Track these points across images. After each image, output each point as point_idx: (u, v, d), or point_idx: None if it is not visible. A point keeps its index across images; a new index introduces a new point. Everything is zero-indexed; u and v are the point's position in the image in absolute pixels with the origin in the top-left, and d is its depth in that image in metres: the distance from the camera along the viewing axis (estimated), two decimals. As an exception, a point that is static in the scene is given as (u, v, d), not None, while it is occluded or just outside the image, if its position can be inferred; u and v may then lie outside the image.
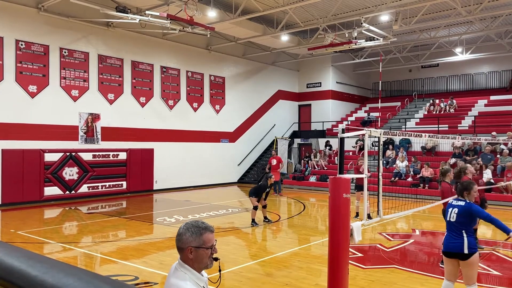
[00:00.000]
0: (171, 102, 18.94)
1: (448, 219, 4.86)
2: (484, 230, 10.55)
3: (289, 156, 23.55)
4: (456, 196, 5.13)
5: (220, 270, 2.31)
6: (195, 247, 2.18)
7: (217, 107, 21.23)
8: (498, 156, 16.61)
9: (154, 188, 17.96)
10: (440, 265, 7.03)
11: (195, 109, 20.07)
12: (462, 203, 4.86)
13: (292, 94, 26.11)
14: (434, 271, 6.88)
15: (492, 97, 22.42)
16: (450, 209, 4.88)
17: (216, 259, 2.25)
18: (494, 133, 17.26)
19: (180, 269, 2.21)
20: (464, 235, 4.70)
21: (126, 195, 16.74)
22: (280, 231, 10.64)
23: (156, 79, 18.36)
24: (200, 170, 20.07)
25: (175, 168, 18.84)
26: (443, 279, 6.40)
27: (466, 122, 20.51)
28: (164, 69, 18.67)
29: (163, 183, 18.30)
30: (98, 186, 16.10)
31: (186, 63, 19.62)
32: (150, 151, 17.79)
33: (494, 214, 13.16)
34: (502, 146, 16.77)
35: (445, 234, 4.93)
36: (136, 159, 17.18)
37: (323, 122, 24.43)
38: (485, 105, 21.97)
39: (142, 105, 17.79)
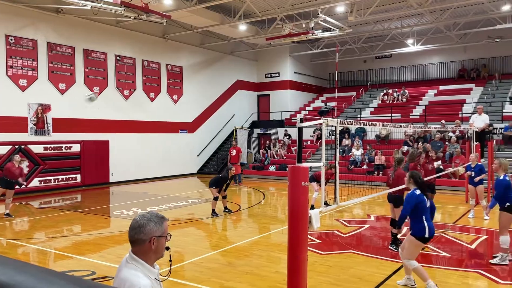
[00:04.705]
0: (126, 92, 18.42)
1: (428, 206, 5.32)
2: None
3: (249, 146, 23.64)
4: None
5: (170, 260, 2.34)
6: (158, 236, 2.20)
7: (175, 97, 20.88)
8: (447, 143, 17.46)
9: (111, 180, 17.47)
10: (394, 248, 7.33)
11: (152, 99, 19.63)
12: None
13: (251, 84, 26.11)
14: (388, 255, 7.17)
15: (442, 87, 23.47)
16: (425, 198, 5.37)
17: (167, 248, 2.28)
18: (443, 121, 18.11)
19: (131, 262, 2.19)
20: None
21: (81, 189, 16.19)
22: (241, 221, 10.70)
23: (111, 68, 17.76)
24: (158, 161, 19.74)
25: (132, 160, 18.41)
26: (396, 261, 6.70)
27: (417, 111, 21.37)
28: (119, 58, 18.09)
29: (119, 175, 17.84)
30: (51, 179, 15.46)
31: (141, 52, 19.10)
32: (106, 143, 17.25)
33: (444, 198, 13.76)
34: (451, 134, 17.64)
35: (425, 221, 5.23)
36: (90, 151, 16.61)
37: (282, 112, 24.66)
38: (435, 95, 22.98)
39: (96, 95, 17.17)
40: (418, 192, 5.34)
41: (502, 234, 6.58)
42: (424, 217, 5.23)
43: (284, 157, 21.16)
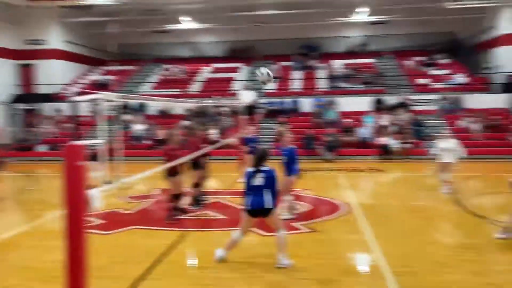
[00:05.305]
0: None
1: (254, 184, 5.36)
2: (209, 182, 12.04)
3: (12, 124, 20.49)
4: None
5: None
6: None
7: None
8: (221, 117, 19.05)
9: None
10: (171, 219, 7.61)
11: None
12: (266, 169, 5.47)
13: (10, 51, 22.35)
14: (171, 225, 7.44)
15: (215, 65, 25.24)
16: (255, 174, 5.40)
17: None
18: (218, 96, 19.62)
19: None
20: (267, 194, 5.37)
21: None
22: (6, 211, 9.30)
23: None
24: None
25: None
26: (178, 230, 7.02)
27: (195, 87, 22.49)
28: None
29: None
30: None
31: None
32: None
33: (220, 167, 14.77)
34: (224, 108, 19.31)
35: (251, 196, 5.35)
36: None
37: (51, 84, 22.06)
38: (210, 72, 24.59)
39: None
40: (249, 169, 5.55)
41: (286, 195, 7.52)
42: (252, 192, 5.37)
43: (57, 135, 19.20)
